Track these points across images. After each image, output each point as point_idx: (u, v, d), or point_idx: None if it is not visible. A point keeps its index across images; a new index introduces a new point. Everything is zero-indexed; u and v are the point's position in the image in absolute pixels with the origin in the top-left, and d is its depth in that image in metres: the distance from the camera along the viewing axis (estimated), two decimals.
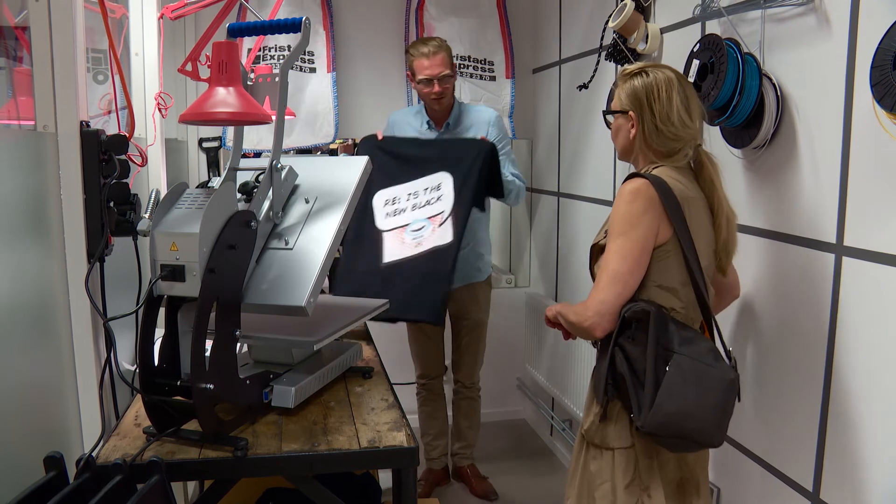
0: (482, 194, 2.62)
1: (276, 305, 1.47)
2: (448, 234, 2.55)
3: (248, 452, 1.40)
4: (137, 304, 1.49)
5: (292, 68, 3.11)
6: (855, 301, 1.51)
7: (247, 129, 1.92)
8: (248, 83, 1.56)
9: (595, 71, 2.64)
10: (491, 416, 3.59)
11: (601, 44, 2.55)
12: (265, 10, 3.17)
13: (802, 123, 1.66)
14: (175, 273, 1.38)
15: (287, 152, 3.27)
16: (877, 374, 1.45)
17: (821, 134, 1.60)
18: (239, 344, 1.52)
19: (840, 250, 1.55)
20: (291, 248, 1.55)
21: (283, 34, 1.60)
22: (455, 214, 2.57)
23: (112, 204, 1.48)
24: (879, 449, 1.45)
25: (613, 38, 2.42)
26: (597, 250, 1.60)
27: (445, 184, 2.58)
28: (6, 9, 1.61)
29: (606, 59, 2.52)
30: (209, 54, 1.41)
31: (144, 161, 1.85)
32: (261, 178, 1.58)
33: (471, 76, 3.46)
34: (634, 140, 1.58)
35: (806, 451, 1.65)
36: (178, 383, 1.44)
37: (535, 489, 3.10)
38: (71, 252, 1.41)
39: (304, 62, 3.30)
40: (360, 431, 1.51)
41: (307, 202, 1.64)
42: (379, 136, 2.67)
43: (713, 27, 1.99)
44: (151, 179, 2.21)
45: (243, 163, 1.63)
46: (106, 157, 1.43)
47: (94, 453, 1.35)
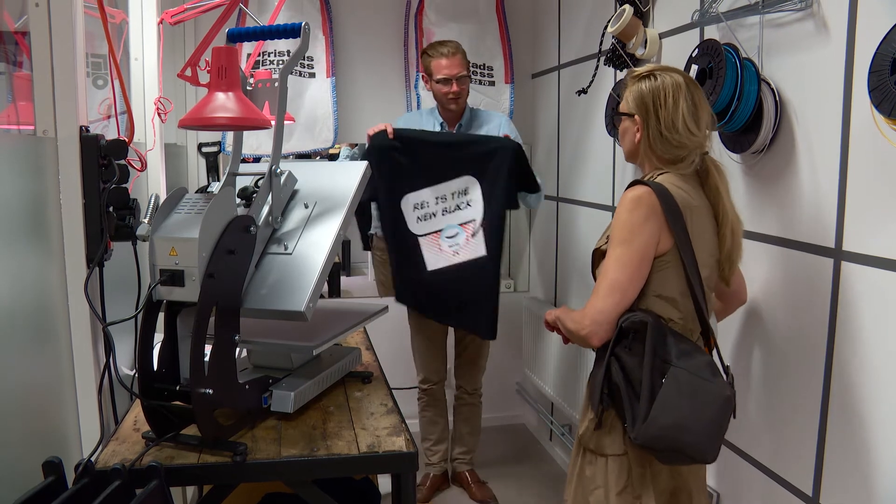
0: (513, 194, 2.63)
1: (275, 310, 1.47)
2: (481, 246, 2.59)
3: (247, 457, 1.40)
4: (137, 308, 1.48)
5: (292, 73, 3.11)
6: (854, 306, 1.51)
7: (246, 134, 1.92)
8: (248, 88, 1.56)
9: (594, 76, 2.64)
10: (490, 420, 3.59)
11: (600, 49, 2.56)
12: (265, 15, 3.18)
13: (801, 128, 1.67)
14: (174, 278, 1.38)
15: (286, 157, 3.28)
16: (876, 379, 1.45)
17: (819, 139, 1.61)
18: (238, 349, 1.53)
19: (839, 255, 1.55)
20: (291, 253, 1.55)
21: (283, 39, 1.60)
22: (487, 225, 2.59)
23: (111, 209, 1.48)
24: (879, 453, 1.45)
25: (612, 43, 2.42)
26: (598, 255, 1.60)
27: (473, 189, 2.59)
28: (6, 14, 1.62)
29: (605, 64, 2.53)
30: (208, 59, 1.41)
31: (144, 166, 1.85)
32: (260, 182, 1.58)
33: (470, 81, 3.46)
34: (639, 144, 1.57)
35: (806, 456, 1.65)
36: (178, 388, 1.44)
37: (535, 494, 3.10)
38: (70, 257, 1.41)
39: (304, 67, 3.31)
40: (360, 436, 1.51)
41: (306, 207, 1.64)
42: (389, 133, 2.57)
43: (712, 32, 1.99)
44: (151, 184, 2.21)
45: (243, 168, 1.63)
46: (105, 161, 1.43)
47: (93, 458, 1.35)
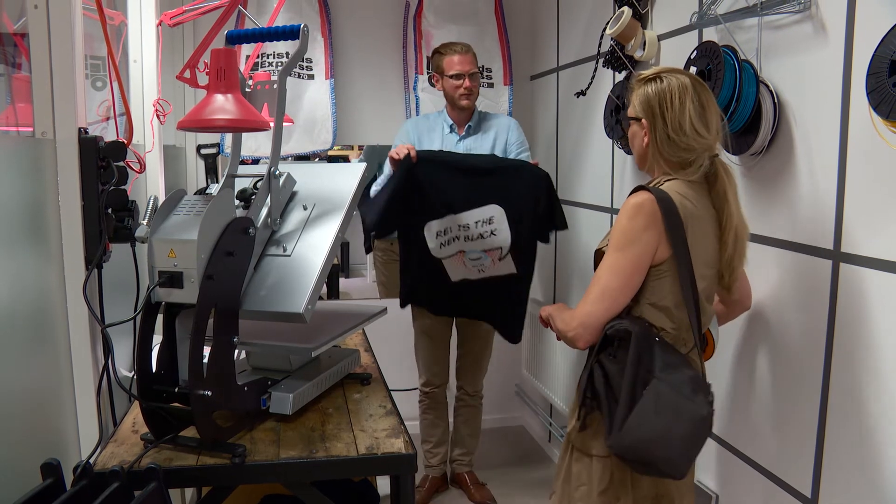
0: (545, 227, 2.60)
1: (274, 312, 1.47)
2: (511, 266, 2.57)
3: (246, 459, 1.40)
4: (135, 310, 1.48)
5: (290, 75, 3.11)
6: (853, 307, 1.51)
7: (245, 135, 1.92)
8: (247, 90, 1.56)
9: (593, 78, 2.64)
10: (489, 422, 3.58)
11: (599, 51, 2.56)
12: (263, 17, 3.18)
13: (799, 130, 1.67)
14: (173, 280, 1.38)
15: (285, 159, 3.28)
16: (876, 380, 1.45)
17: (818, 140, 1.61)
18: (237, 350, 1.52)
19: (837, 256, 1.55)
20: (289, 255, 1.55)
21: (282, 41, 1.60)
22: (515, 251, 2.55)
23: (110, 210, 1.48)
24: (879, 454, 1.45)
25: (611, 45, 2.43)
26: (600, 256, 1.59)
27: (498, 218, 2.51)
28: (5, 16, 1.62)
29: (604, 66, 2.53)
30: (207, 61, 1.41)
31: (143, 168, 1.85)
32: (259, 184, 1.58)
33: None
34: (647, 148, 1.55)
35: (804, 458, 1.65)
36: (176, 390, 1.44)
37: (534, 496, 3.09)
38: (69, 259, 1.41)
39: (303, 69, 3.31)
40: (358, 438, 1.51)
41: (305, 209, 1.64)
42: (413, 156, 2.45)
43: (710, 34, 1.99)
44: (150, 186, 2.21)
45: (241, 169, 1.63)
46: (104, 163, 1.43)
47: (92, 460, 1.35)
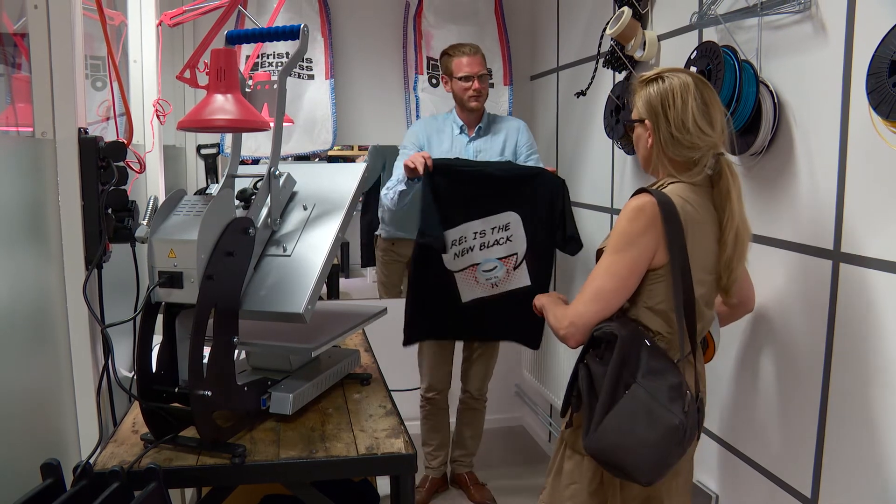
0: (561, 235, 2.58)
1: (274, 312, 1.47)
2: (525, 277, 2.54)
3: (246, 459, 1.40)
4: (135, 310, 1.48)
5: (290, 75, 3.11)
6: (853, 307, 1.51)
7: (245, 135, 1.92)
8: (247, 90, 1.56)
9: (593, 78, 2.64)
10: (490, 422, 3.57)
11: (599, 51, 2.56)
12: (263, 17, 3.18)
13: (799, 130, 1.67)
14: (173, 280, 1.38)
15: (285, 159, 3.28)
16: (875, 380, 1.45)
17: (818, 141, 1.61)
18: (237, 351, 1.52)
19: (837, 257, 1.55)
20: (289, 255, 1.55)
21: (282, 41, 1.60)
22: (531, 258, 2.54)
23: (110, 211, 1.48)
24: (878, 456, 1.45)
25: (611, 45, 2.43)
26: (601, 254, 1.59)
27: (514, 224, 2.52)
28: (5, 15, 1.62)
29: (604, 67, 2.53)
30: (207, 61, 1.41)
31: (143, 168, 1.85)
32: (259, 184, 1.58)
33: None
34: (652, 149, 1.55)
35: (804, 458, 1.65)
36: (176, 390, 1.44)
37: (534, 496, 3.09)
38: (69, 259, 1.41)
39: (303, 69, 3.31)
40: (358, 438, 1.51)
41: (305, 209, 1.64)
42: (429, 165, 2.45)
43: (710, 34, 1.99)
44: (150, 186, 2.21)
45: (241, 169, 1.63)
46: (104, 163, 1.43)
47: (92, 460, 1.35)
